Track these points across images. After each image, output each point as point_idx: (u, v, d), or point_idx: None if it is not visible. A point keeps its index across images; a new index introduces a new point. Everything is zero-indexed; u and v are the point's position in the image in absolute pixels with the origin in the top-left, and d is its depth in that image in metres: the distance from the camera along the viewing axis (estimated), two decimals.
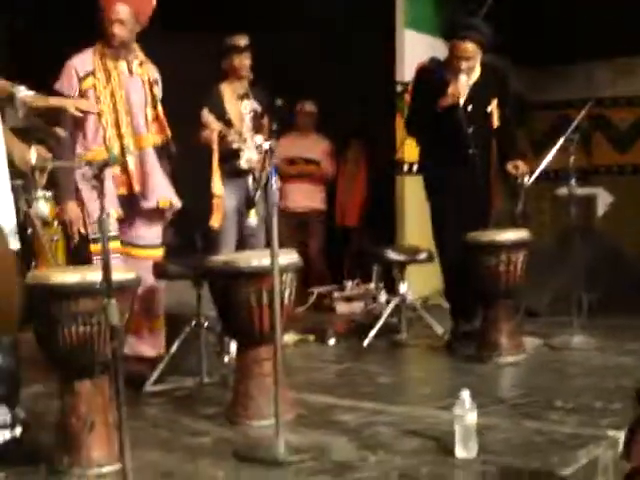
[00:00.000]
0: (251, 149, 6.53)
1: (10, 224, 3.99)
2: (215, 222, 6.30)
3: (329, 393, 5.26)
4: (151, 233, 5.71)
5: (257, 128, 6.74)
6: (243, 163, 6.53)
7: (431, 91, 6.22)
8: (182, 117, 5.68)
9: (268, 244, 4.32)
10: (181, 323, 5.59)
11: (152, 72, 5.60)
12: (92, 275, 3.80)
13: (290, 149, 8.76)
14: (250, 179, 6.55)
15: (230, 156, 6.51)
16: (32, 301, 3.93)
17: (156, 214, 5.66)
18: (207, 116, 6.37)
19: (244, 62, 6.77)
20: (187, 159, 5.74)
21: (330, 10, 8.85)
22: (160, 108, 5.55)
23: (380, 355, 6.43)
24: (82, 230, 5.39)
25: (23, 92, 3.80)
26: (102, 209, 3.29)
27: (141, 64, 5.50)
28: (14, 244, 4.01)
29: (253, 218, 4.49)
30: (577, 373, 5.65)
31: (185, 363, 5.56)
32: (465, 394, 4.01)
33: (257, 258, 4.53)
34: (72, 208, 5.38)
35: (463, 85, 6.15)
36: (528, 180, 6.37)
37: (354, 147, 9.53)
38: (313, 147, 9.11)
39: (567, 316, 6.52)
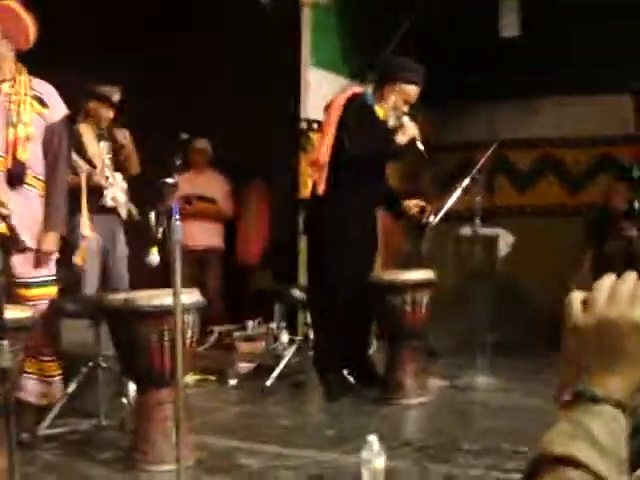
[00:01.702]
0: (115, 187, 6.56)
1: None
2: (79, 260, 6.20)
3: (230, 436, 5.11)
4: (24, 267, 5.14)
5: (116, 166, 6.81)
6: (109, 201, 6.56)
7: (365, 117, 6.10)
8: None
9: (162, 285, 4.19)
10: (79, 363, 5.40)
11: (36, 89, 5.22)
12: None
13: (185, 187, 8.67)
14: (152, 215, 6.46)
15: (94, 194, 6.46)
16: None
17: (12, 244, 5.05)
18: (76, 160, 6.33)
19: (110, 115, 6.79)
20: None
21: (234, 44, 8.80)
22: (23, 129, 5.09)
23: (282, 396, 6.30)
24: None
25: None
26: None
27: (13, 84, 5.20)
28: None
29: (155, 256, 4.34)
30: (482, 414, 5.62)
31: (82, 405, 5.37)
32: (372, 438, 3.91)
33: (159, 297, 4.38)
34: None
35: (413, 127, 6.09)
36: (433, 220, 6.33)
37: (256, 186, 9.46)
38: (209, 185, 9.07)
39: (470, 357, 6.50)
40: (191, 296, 4.48)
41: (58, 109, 5.31)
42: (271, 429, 5.31)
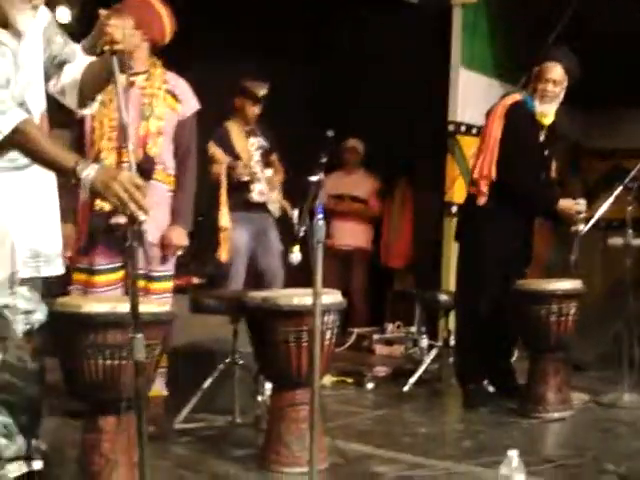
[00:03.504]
0: (262, 182, 6.55)
1: (57, 248, 3.76)
2: (223, 254, 6.18)
3: (366, 442, 5.01)
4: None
5: (266, 164, 6.86)
6: (255, 195, 6.57)
7: (528, 128, 6.02)
8: None
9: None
10: (215, 359, 5.38)
11: (170, 84, 5.22)
12: (123, 306, 3.60)
13: (336, 186, 8.60)
14: (295, 213, 6.49)
15: (240, 189, 6.45)
16: (58, 329, 3.74)
17: None
18: (213, 149, 6.33)
19: (256, 112, 6.90)
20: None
21: (381, 45, 8.73)
22: (155, 123, 5.11)
23: (420, 403, 6.16)
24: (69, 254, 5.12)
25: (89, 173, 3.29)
26: (132, 236, 3.05)
27: (148, 78, 5.17)
28: (60, 269, 3.79)
29: (296, 254, 4.26)
30: (627, 434, 5.36)
31: (217, 401, 5.35)
32: (512, 453, 3.75)
33: (298, 296, 4.31)
34: (68, 230, 4.99)
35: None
36: (583, 228, 6.10)
37: (401, 186, 9.35)
38: (360, 185, 9.02)
39: (616, 371, 6.25)
40: (332, 297, 4.39)
41: (190, 104, 5.30)
42: (407, 437, 5.18)
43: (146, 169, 4.98)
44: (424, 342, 7.78)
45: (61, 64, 3.61)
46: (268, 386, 5.17)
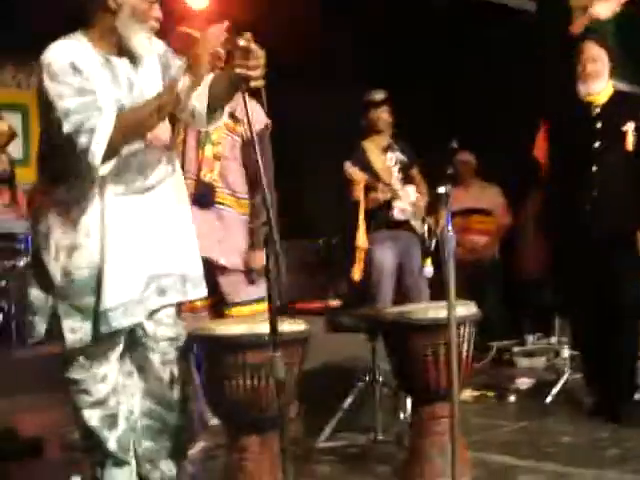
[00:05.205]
0: (403, 200, 6.46)
1: (198, 271, 3.84)
2: (356, 274, 6.14)
3: (509, 453, 4.97)
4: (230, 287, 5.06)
5: (407, 179, 6.72)
6: (397, 214, 6.46)
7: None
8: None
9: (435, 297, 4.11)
10: (355, 377, 5.41)
11: (230, 104, 5.14)
12: (259, 327, 3.66)
13: (457, 201, 8.53)
14: (426, 227, 6.47)
15: (381, 208, 6.39)
16: (198, 353, 3.83)
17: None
18: (349, 167, 6.26)
19: (381, 116, 6.80)
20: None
21: (505, 57, 8.70)
22: (210, 149, 5.01)
23: (563, 414, 6.06)
24: None
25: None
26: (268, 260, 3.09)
27: None
28: (201, 292, 3.87)
29: (429, 267, 4.28)
30: None
31: (358, 419, 5.37)
32: None
33: (434, 310, 4.29)
34: None
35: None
36: None
37: (534, 196, 9.24)
38: (482, 197, 8.95)
39: None
40: (466, 308, 4.37)
41: (255, 122, 5.22)
42: (552, 447, 5.12)
43: (202, 195, 4.93)
44: (565, 352, 7.65)
45: None
46: (409, 401, 5.18)
